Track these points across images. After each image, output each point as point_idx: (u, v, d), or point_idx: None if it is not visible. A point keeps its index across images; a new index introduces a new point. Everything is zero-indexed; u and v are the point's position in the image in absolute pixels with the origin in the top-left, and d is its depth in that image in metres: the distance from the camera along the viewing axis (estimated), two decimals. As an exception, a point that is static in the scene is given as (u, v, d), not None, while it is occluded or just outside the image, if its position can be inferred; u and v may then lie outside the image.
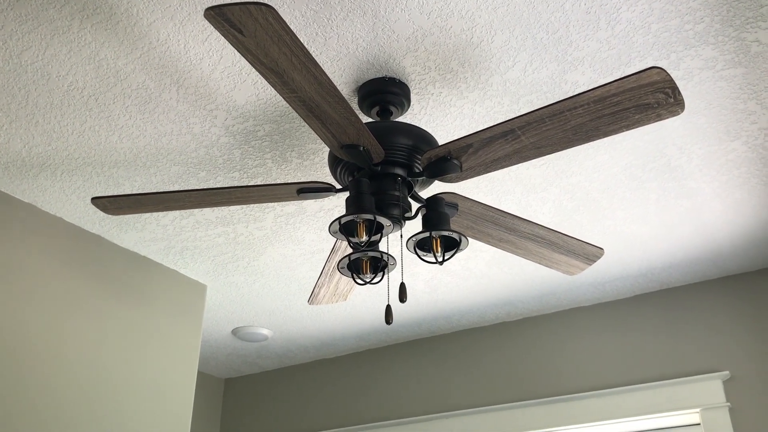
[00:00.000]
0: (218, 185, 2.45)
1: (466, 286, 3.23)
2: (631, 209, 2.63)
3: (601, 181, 2.47)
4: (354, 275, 1.86)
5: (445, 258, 1.81)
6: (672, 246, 2.89)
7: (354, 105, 2.07)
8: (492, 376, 3.54)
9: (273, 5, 1.74)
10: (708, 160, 2.36)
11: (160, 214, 2.62)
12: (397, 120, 2.06)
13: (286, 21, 1.78)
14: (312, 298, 2.39)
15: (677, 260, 3.01)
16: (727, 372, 2.96)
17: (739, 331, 3.03)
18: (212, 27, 1.62)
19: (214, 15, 1.33)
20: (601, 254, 2.18)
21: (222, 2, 1.71)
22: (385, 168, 1.83)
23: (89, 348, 2.64)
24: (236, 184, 2.44)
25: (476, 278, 3.15)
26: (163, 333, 2.94)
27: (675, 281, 3.20)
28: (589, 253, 2.18)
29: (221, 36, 1.75)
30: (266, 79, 1.50)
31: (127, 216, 2.64)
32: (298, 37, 1.82)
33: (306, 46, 1.84)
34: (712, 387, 2.97)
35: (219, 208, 2.57)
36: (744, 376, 2.95)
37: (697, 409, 2.98)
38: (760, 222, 2.73)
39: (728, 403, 2.92)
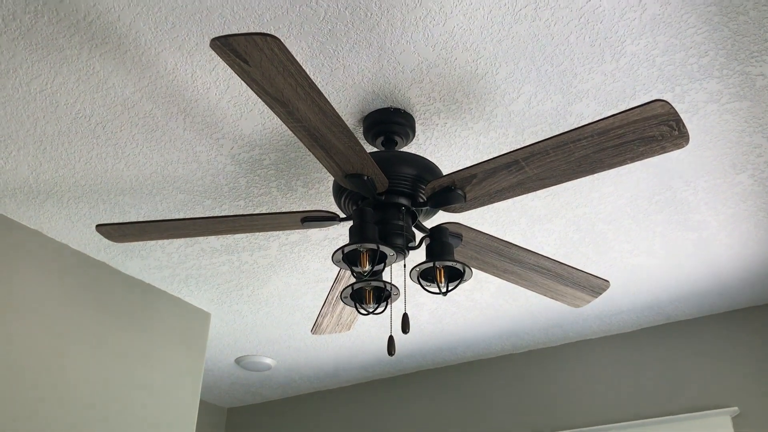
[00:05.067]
0: (223, 213, 2.45)
1: (471, 318, 3.20)
2: (637, 241, 2.62)
3: (607, 213, 2.46)
4: (357, 305, 1.85)
5: (449, 288, 1.80)
6: (678, 279, 2.87)
7: (359, 135, 2.08)
8: (497, 409, 3.50)
9: (279, 36, 1.75)
10: (714, 193, 2.35)
11: (165, 241, 2.63)
12: (401, 150, 2.06)
13: (293, 52, 1.79)
14: (315, 328, 2.38)
15: (684, 293, 2.99)
16: (735, 408, 2.91)
17: (748, 365, 2.99)
18: (219, 57, 1.63)
19: (220, 45, 1.35)
20: (607, 286, 2.17)
21: (228, 33, 1.73)
22: (389, 197, 1.83)
23: (92, 374, 2.62)
24: (241, 212, 2.44)
25: (481, 309, 3.12)
26: (166, 361, 2.92)
27: (682, 314, 3.17)
28: (595, 286, 2.17)
29: (227, 66, 1.77)
30: (271, 108, 1.51)
31: (132, 243, 2.64)
32: (304, 67, 1.84)
33: (312, 77, 1.86)
34: (720, 423, 2.92)
35: (224, 236, 2.58)
36: (753, 412, 2.91)
37: (706, 446, 2.93)
38: (767, 255, 2.71)
39: (737, 440, 2.88)
